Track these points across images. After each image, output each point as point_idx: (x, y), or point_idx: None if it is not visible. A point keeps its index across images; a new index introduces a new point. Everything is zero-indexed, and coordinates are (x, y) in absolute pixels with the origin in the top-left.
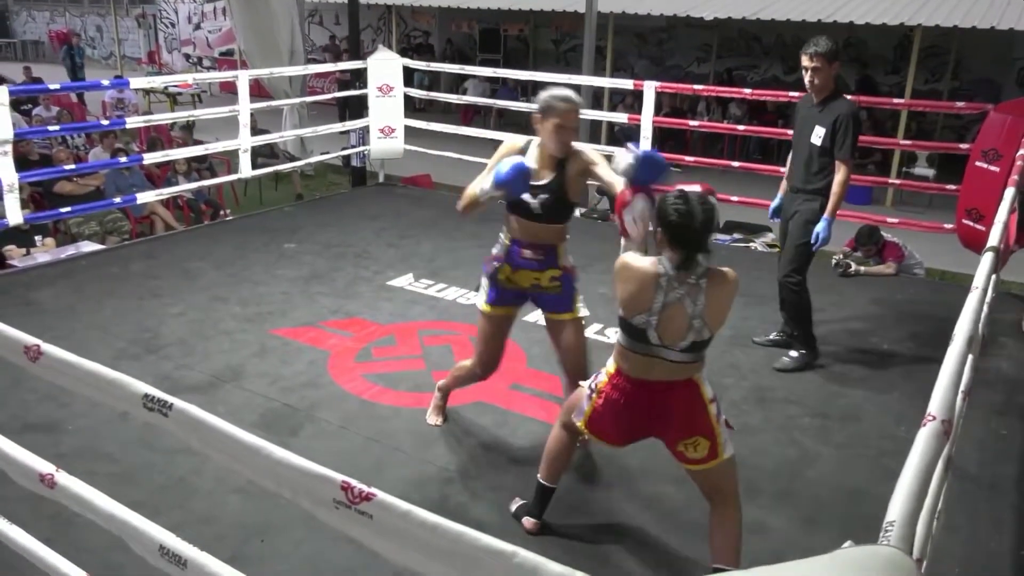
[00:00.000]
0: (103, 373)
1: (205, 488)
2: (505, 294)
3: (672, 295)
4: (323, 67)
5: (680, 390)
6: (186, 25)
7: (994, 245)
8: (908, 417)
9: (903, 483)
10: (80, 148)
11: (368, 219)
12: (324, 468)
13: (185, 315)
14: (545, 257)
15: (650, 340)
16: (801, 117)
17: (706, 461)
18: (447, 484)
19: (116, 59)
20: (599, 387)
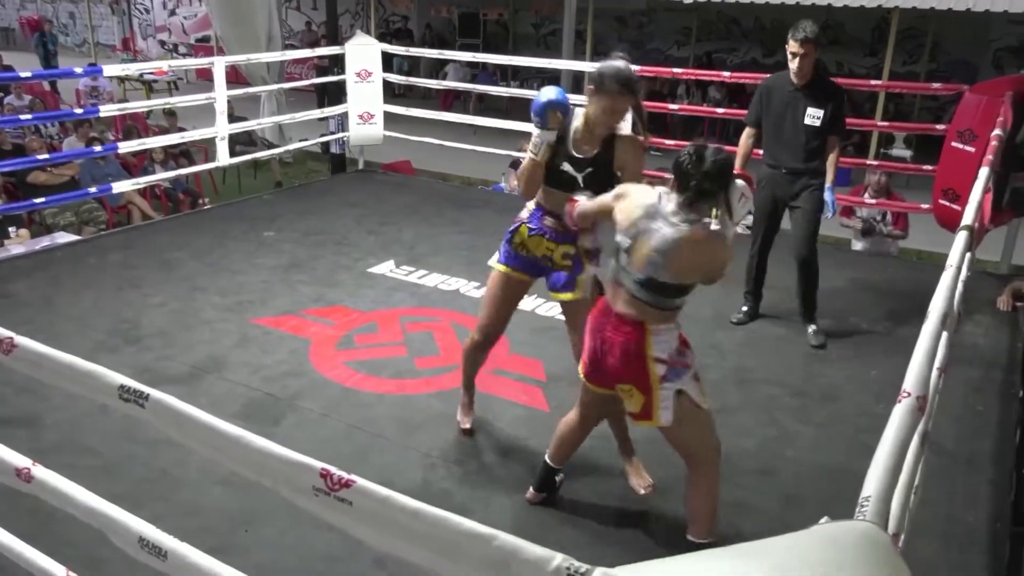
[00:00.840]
0: (78, 365)
1: (188, 479)
2: (516, 258)
3: (653, 224)
4: (301, 53)
5: (627, 328)
6: (161, 11)
7: (968, 224)
8: (886, 395)
9: (878, 459)
10: (54, 137)
11: (348, 206)
12: (303, 455)
13: (165, 305)
14: (566, 231)
15: (621, 261)
16: (780, 100)
17: (641, 418)
18: (430, 470)
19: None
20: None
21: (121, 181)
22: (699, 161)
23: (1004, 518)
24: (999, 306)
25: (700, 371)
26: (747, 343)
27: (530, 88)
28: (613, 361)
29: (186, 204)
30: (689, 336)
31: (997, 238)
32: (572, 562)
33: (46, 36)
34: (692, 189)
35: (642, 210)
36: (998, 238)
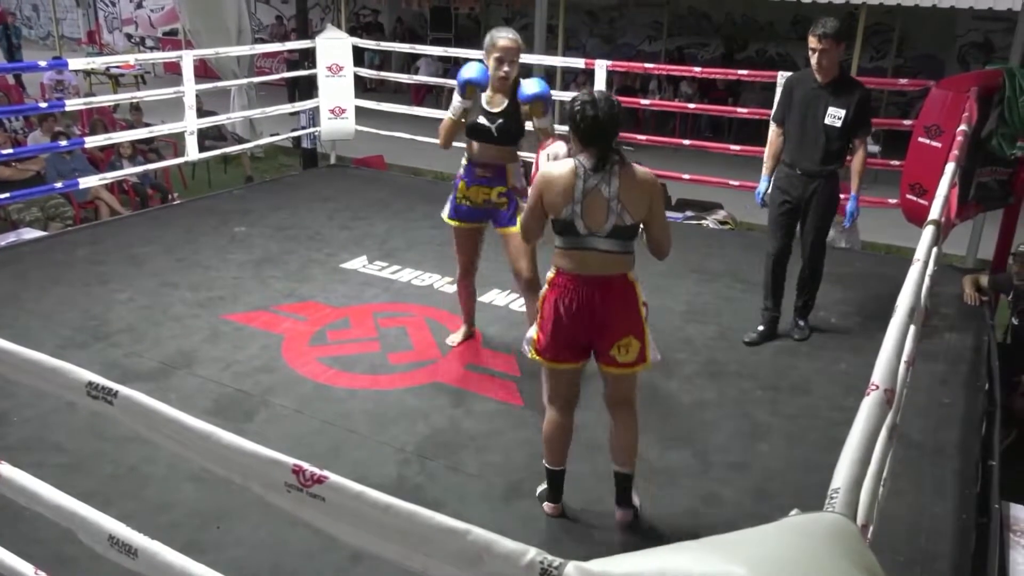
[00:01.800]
0: (45, 361)
1: (158, 476)
2: (461, 209)
3: (589, 183)
4: (271, 47)
5: (617, 285)
6: (127, 4)
7: (935, 219)
8: (855, 388)
9: (847, 451)
10: (19, 132)
11: (320, 201)
12: (274, 452)
13: (133, 301)
14: (494, 175)
15: (579, 230)
16: (803, 98)
17: (634, 365)
18: (404, 465)
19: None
20: (542, 299)
21: (88, 176)
22: (596, 116)
23: (970, 509)
24: (965, 300)
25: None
26: (719, 337)
27: None
28: (612, 320)
29: (155, 199)
30: (662, 330)
31: (963, 232)
32: (546, 556)
33: (9, 29)
34: (600, 143)
35: (570, 180)
36: (964, 232)
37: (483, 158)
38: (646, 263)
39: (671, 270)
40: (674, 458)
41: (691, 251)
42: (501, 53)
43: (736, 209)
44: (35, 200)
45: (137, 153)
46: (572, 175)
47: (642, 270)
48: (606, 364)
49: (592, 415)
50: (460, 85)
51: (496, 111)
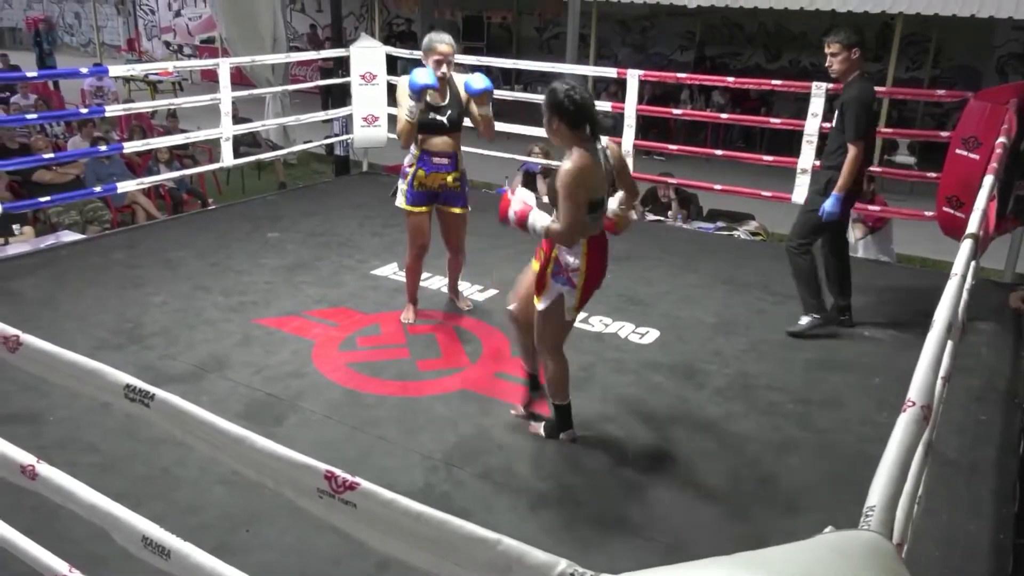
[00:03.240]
0: (83, 364)
1: (189, 478)
2: (418, 196)
3: (600, 158)
4: (305, 55)
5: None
6: (166, 12)
7: (973, 232)
8: (889, 403)
9: (883, 468)
10: (59, 136)
11: (352, 208)
12: (307, 457)
13: (168, 304)
14: (450, 161)
15: (602, 201)
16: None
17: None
18: (431, 472)
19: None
20: (583, 267)
21: (125, 181)
22: (582, 98)
23: (1007, 528)
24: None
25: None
26: (750, 349)
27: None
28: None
29: (190, 204)
30: (691, 342)
31: (1001, 246)
32: (576, 568)
33: (40, 35)
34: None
35: (598, 163)
36: (1002, 246)
37: (438, 147)
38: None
39: (701, 281)
40: (703, 471)
41: (722, 262)
42: (441, 56)
43: (768, 220)
44: (74, 204)
45: (174, 159)
46: (593, 160)
47: (673, 280)
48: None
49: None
50: (418, 90)
51: (443, 104)
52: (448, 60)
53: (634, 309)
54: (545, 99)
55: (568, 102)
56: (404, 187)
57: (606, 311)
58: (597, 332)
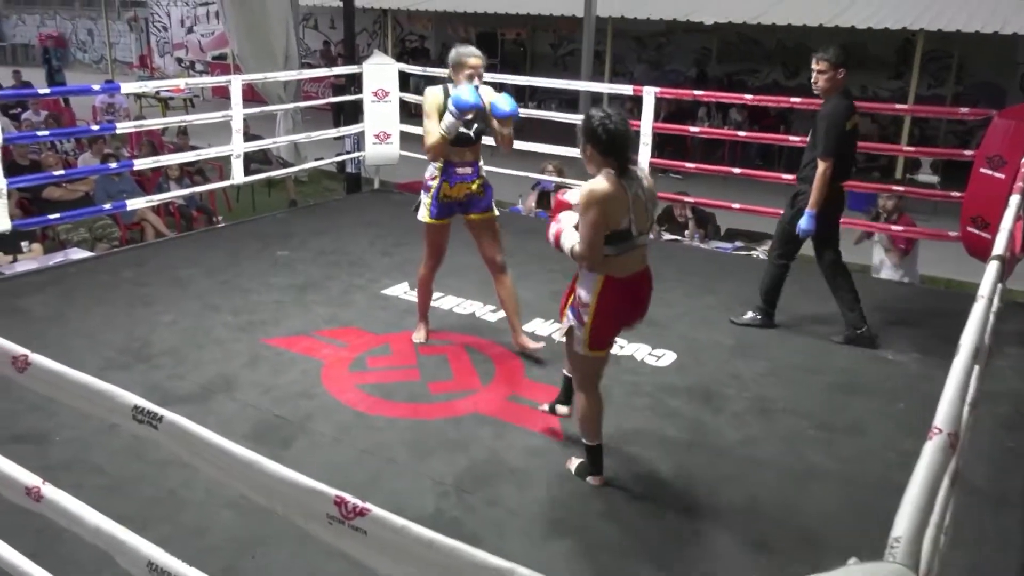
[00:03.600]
0: (92, 384)
1: (196, 501)
2: (443, 208)
3: (632, 190)
4: (318, 72)
5: (648, 275)
6: (179, 28)
7: (999, 254)
8: (914, 429)
9: (909, 498)
10: (69, 153)
11: (363, 226)
12: (317, 482)
13: (176, 323)
14: (473, 170)
15: (632, 234)
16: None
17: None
18: (442, 498)
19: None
20: (592, 305)
21: (135, 198)
22: (616, 128)
23: None
24: None
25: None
26: (769, 372)
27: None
28: (645, 305)
29: (200, 222)
30: (708, 365)
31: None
32: None
33: (49, 52)
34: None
35: (622, 191)
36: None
37: (461, 158)
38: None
39: (720, 303)
40: (721, 499)
41: (741, 283)
42: (472, 70)
43: None
44: (83, 221)
45: (184, 175)
46: (621, 186)
47: (690, 301)
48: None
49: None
50: (465, 110)
51: (470, 118)
52: (479, 73)
53: (650, 331)
54: (580, 125)
55: (601, 131)
56: (428, 200)
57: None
58: (612, 355)
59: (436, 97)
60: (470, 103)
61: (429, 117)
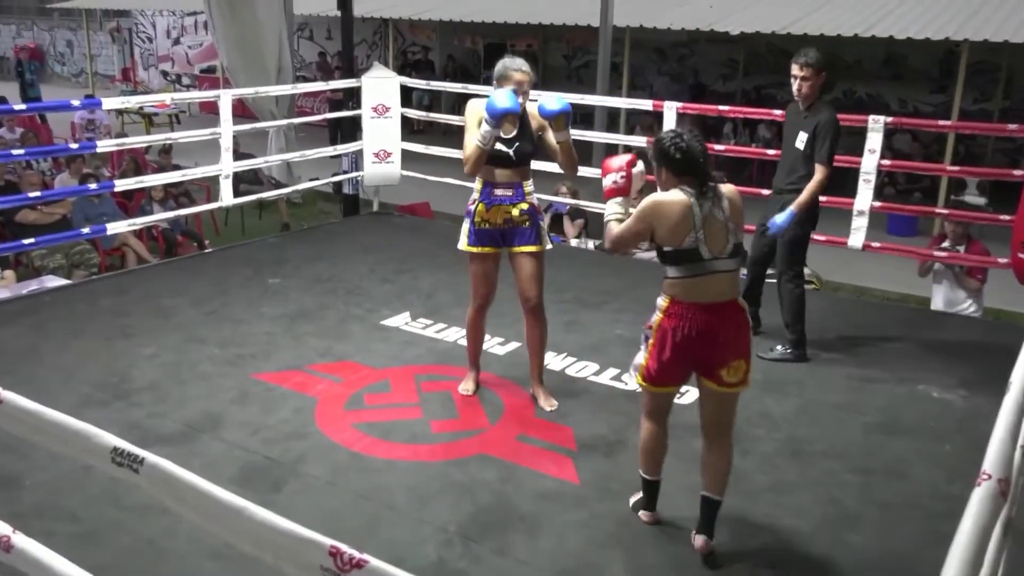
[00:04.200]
0: (67, 423)
1: (178, 551)
2: (482, 234)
3: (704, 209)
4: (313, 86)
5: (731, 310)
6: (164, 40)
7: None
8: (961, 473)
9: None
10: (46, 173)
11: (361, 251)
12: (310, 531)
13: (158, 357)
14: (514, 192)
15: (703, 256)
16: (789, 124)
17: (738, 385)
18: (445, 547)
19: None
20: (654, 329)
21: (116, 221)
22: (688, 147)
23: None
24: None
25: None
26: (802, 411)
27: None
28: (727, 346)
29: (185, 247)
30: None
31: None
32: None
33: (23, 65)
34: (696, 168)
35: (686, 209)
36: None
37: (501, 179)
38: None
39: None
40: (751, 548)
41: (771, 313)
42: (516, 85)
43: (821, 267)
44: (60, 246)
45: (168, 197)
46: (686, 204)
47: None
48: (711, 380)
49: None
50: (497, 116)
51: (510, 136)
52: (524, 90)
53: None
54: (651, 149)
55: (674, 150)
56: (466, 227)
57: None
58: (631, 391)
59: (478, 110)
60: (504, 107)
61: (469, 130)
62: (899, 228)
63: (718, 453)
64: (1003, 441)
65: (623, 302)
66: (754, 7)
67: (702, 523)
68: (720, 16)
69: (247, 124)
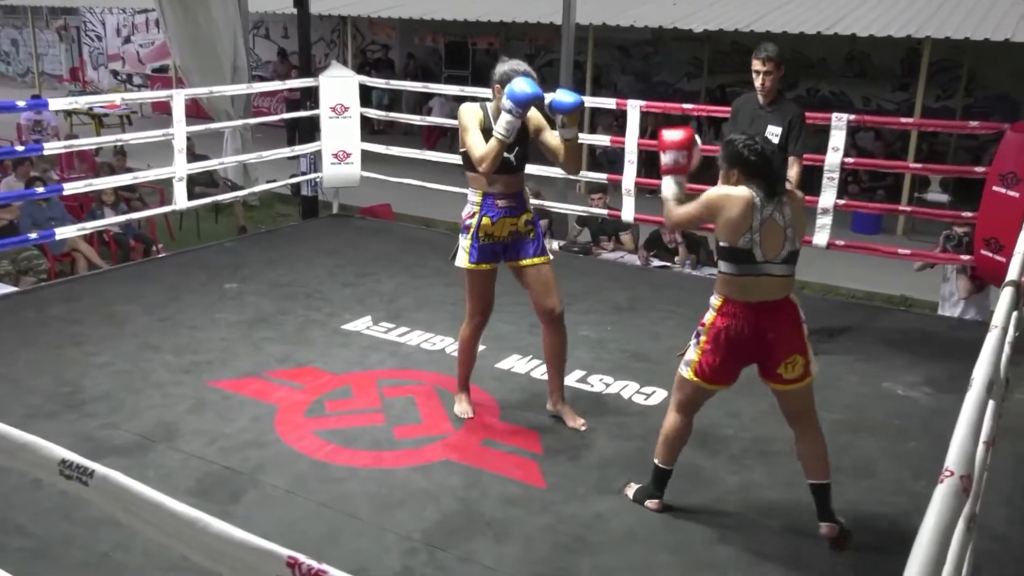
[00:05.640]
0: (13, 436)
1: (133, 565)
2: (485, 250)
3: (766, 212)
4: (270, 85)
5: (784, 308)
6: (114, 38)
7: (1014, 279)
8: (927, 470)
9: (919, 547)
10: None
11: (321, 255)
12: (267, 541)
13: (111, 366)
14: (517, 203)
15: (756, 258)
16: (746, 118)
17: (799, 380)
18: (410, 555)
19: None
20: (707, 326)
21: (65, 226)
22: (762, 151)
23: None
24: None
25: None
26: (770, 412)
27: None
28: (780, 342)
29: (138, 252)
30: (704, 404)
31: None
32: None
33: None
34: (767, 171)
35: (748, 209)
36: None
37: (502, 188)
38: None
39: None
40: (720, 550)
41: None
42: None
43: None
44: (6, 252)
45: (120, 201)
46: (749, 204)
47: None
48: (773, 381)
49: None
50: (524, 103)
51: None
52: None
53: (638, 367)
54: (723, 151)
55: (748, 152)
56: (467, 243)
57: (607, 369)
58: (596, 393)
59: (476, 112)
60: (532, 92)
61: (469, 130)
62: (864, 226)
63: (809, 440)
64: (965, 438)
65: (588, 303)
66: (718, 5)
67: (820, 511)
68: (684, 14)
69: (202, 125)
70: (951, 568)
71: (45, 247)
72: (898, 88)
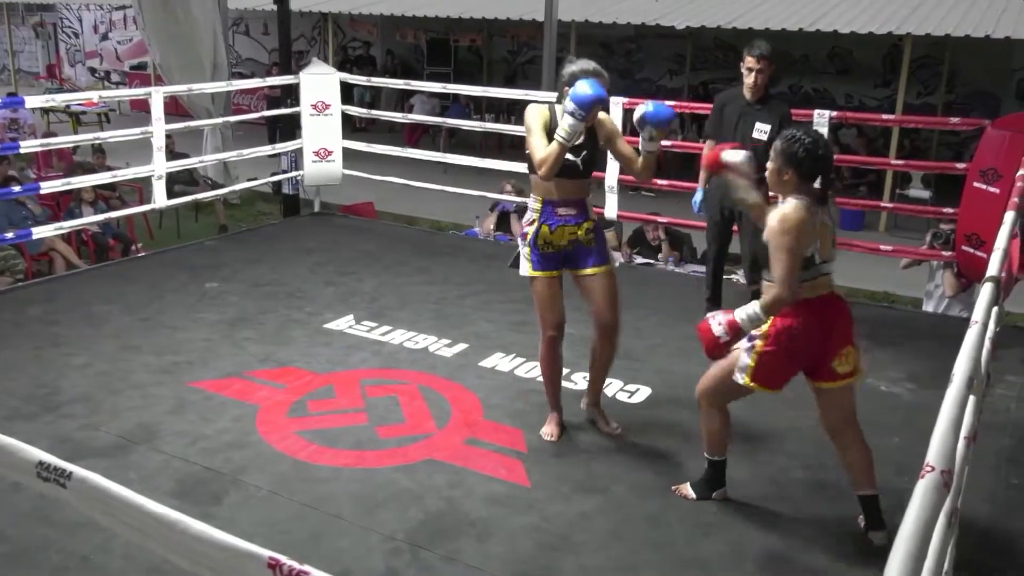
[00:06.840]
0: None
1: (113, 568)
2: (545, 258)
3: (819, 217)
4: (250, 82)
5: (833, 301)
6: (91, 35)
7: (994, 275)
8: (909, 466)
9: (899, 543)
10: None
11: (302, 253)
12: (248, 543)
13: (90, 367)
14: (579, 211)
15: (815, 261)
16: (732, 113)
17: (851, 375)
18: (394, 555)
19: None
20: (764, 331)
21: (43, 225)
22: (825, 153)
23: None
24: None
25: None
26: (751, 407)
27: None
28: (836, 335)
29: (117, 251)
30: (686, 401)
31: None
32: None
33: None
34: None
35: (812, 221)
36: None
37: (563, 195)
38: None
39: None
40: (705, 548)
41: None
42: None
43: None
44: None
45: (98, 199)
46: (810, 212)
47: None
48: (826, 380)
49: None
50: (588, 105)
51: (578, 143)
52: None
53: (621, 364)
54: (781, 145)
55: (808, 154)
56: (527, 251)
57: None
58: (580, 391)
59: (542, 113)
60: (597, 94)
61: (533, 132)
62: (846, 222)
63: (858, 448)
64: (945, 433)
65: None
66: (700, 2)
67: (871, 521)
68: (666, 11)
69: (181, 123)
70: (932, 563)
71: (22, 247)
72: (880, 85)
